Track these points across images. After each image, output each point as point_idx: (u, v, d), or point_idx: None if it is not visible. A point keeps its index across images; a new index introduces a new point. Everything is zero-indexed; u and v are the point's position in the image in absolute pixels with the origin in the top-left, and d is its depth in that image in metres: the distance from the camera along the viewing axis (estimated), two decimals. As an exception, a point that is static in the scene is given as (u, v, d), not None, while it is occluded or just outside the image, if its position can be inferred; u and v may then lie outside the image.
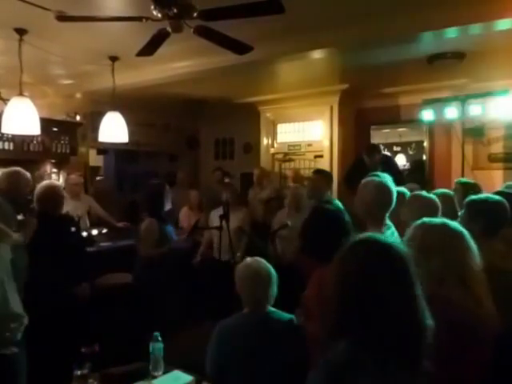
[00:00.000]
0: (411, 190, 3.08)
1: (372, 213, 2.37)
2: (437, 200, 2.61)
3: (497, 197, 2.29)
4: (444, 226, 1.64)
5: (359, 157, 5.21)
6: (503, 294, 1.59)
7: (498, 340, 1.49)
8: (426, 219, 1.72)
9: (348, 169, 5.41)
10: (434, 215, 2.36)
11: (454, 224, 1.66)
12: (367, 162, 4.89)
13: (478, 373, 1.46)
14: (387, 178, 2.51)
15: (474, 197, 2.38)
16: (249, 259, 2.32)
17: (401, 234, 2.11)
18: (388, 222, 2.42)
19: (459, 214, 2.75)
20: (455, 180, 3.42)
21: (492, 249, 1.98)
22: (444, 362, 1.21)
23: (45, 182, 3.43)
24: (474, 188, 3.08)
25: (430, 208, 2.50)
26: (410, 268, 1.17)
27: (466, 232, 1.62)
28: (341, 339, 1.16)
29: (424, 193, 2.76)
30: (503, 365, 1.54)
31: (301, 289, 2.10)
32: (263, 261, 2.28)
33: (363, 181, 2.53)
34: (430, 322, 1.14)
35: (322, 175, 4.16)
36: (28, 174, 3.18)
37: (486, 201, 2.27)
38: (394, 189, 2.48)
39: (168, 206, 3.73)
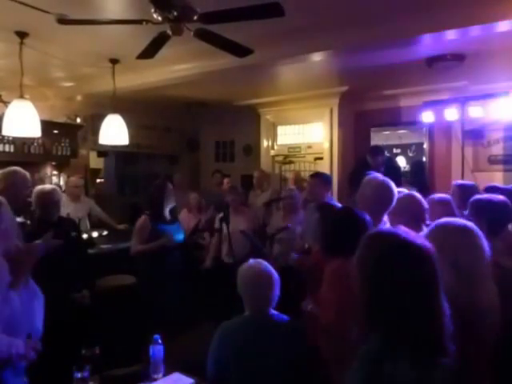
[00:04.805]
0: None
1: (371, 209, 2.39)
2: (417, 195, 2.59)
3: (501, 197, 2.31)
4: (458, 224, 1.68)
5: (362, 158, 5.21)
6: (505, 290, 1.63)
7: (500, 336, 1.51)
8: (442, 219, 1.75)
9: (351, 170, 5.41)
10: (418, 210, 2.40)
11: (467, 223, 1.69)
12: (370, 162, 4.88)
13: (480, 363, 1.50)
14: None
15: (478, 196, 2.40)
16: (251, 261, 2.30)
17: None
18: (384, 219, 2.46)
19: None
20: (453, 182, 3.42)
21: (494, 248, 2.00)
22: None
23: (40, 187, 3.35)
24: (472, 190, 3.08)
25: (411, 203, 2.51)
26: (429, 260, 1.20)
27: (479, 231, 1.65)
28: (372, 333, 1.19)
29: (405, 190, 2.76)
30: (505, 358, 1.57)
31: (300, 291, 2.11)
32: (265, 263, 2.27)
33: (367, 177, 2.56)
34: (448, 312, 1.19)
35: (320, 178, 4.13)
36: (27, 174, 3.11)
37: (489, 201, 2.29)
38: (395, 189, 2.50)
39: (170, 205, 3.71)
